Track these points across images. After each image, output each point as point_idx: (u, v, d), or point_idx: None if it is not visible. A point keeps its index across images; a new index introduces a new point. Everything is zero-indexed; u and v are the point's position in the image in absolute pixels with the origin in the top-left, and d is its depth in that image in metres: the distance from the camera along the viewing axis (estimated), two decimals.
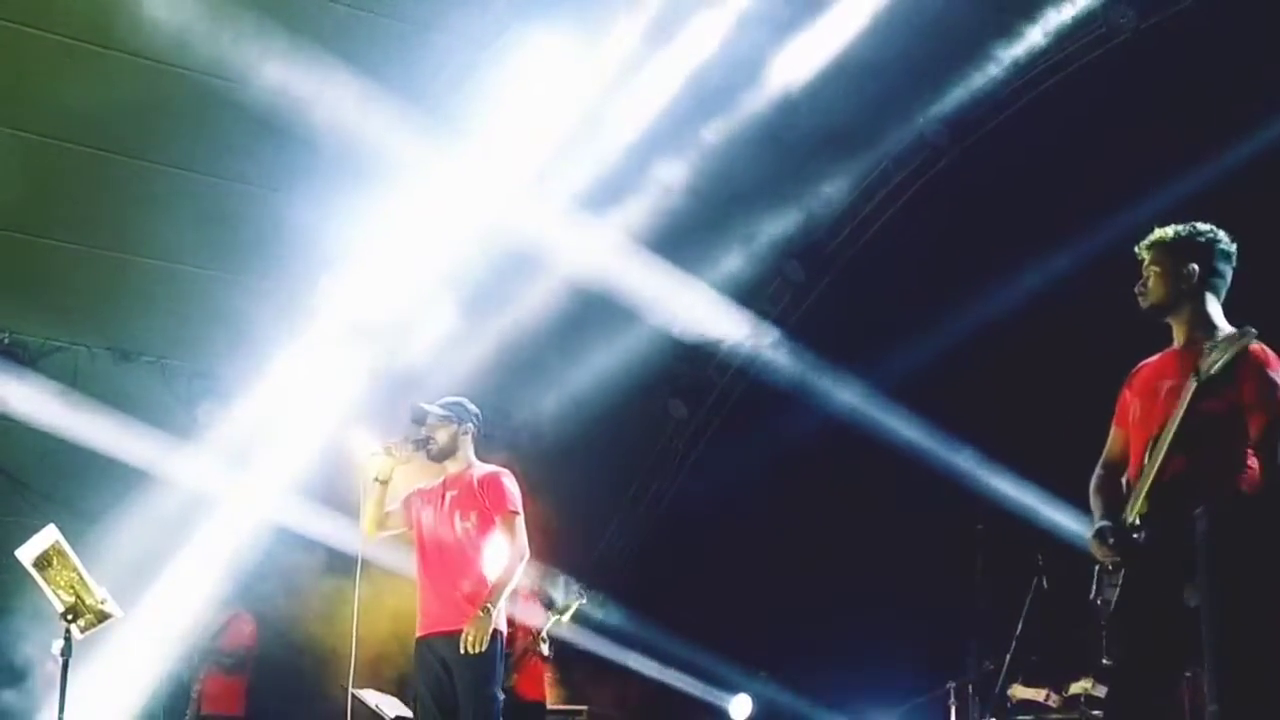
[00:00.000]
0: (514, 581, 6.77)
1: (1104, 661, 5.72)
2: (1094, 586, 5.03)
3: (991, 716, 8.43)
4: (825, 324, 11.63)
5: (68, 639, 7.01)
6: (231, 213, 9.67)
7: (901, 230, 11.39)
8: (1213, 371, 4.68)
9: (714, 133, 10.19)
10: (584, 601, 8.92)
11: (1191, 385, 4.68)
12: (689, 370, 12.47)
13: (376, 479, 6.93)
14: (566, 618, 8.93)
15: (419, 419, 6.98)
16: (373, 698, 8.92)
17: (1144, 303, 5.04)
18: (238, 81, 8.92)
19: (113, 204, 9.71)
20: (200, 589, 10.57)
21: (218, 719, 10.33)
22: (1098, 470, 5.24)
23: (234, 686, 10.41)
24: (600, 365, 11.22)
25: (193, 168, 9.61)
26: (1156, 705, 4.93)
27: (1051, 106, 10.37)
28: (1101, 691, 7.51)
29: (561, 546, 9.88)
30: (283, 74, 8.63)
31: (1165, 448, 4.68)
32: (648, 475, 12.85)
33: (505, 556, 6.76)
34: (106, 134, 9.33)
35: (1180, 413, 4.68)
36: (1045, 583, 8.14)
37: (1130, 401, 5.12)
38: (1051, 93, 10.38)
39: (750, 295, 11.77)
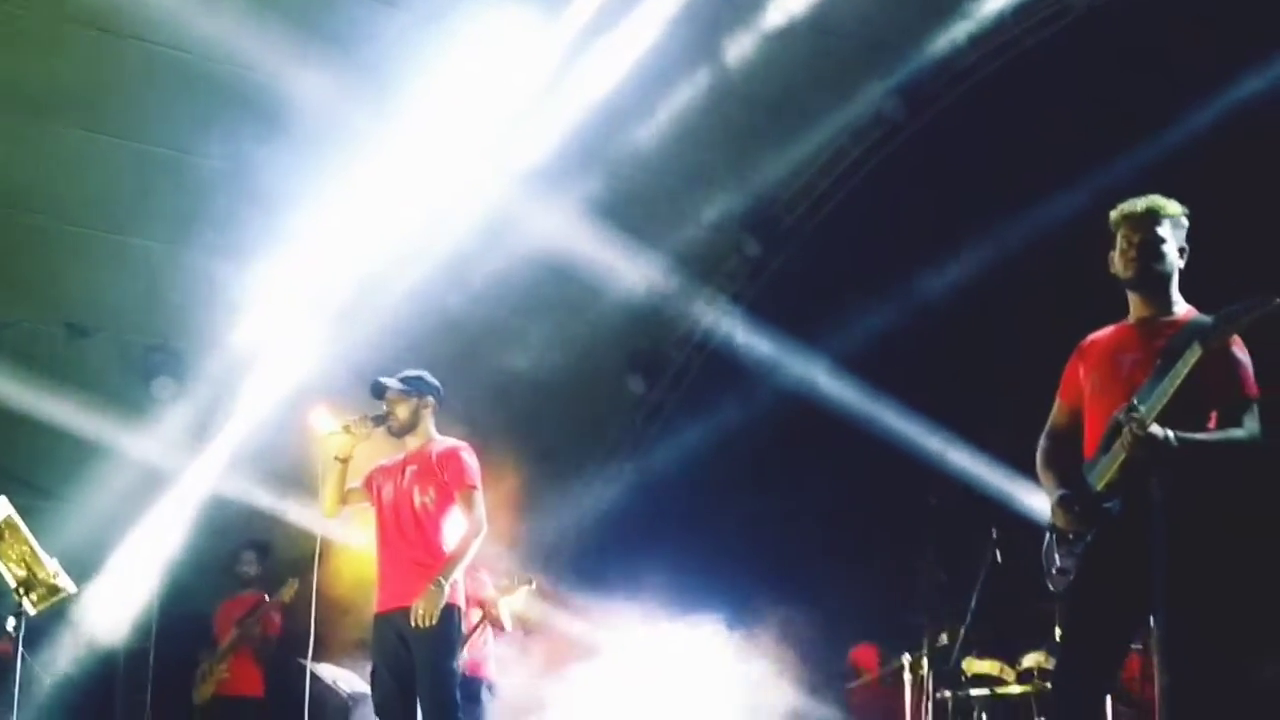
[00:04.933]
0: (469, 556, 6.77)
1: (1058, 634, 5.77)
2: (1048, 557, 5.07)
3: (946, 689, 8.49)
4: (783, 299, 11.66)
5: (20, 614, 6.99)
6: (188, 185, 9.59)
7: (858, 205, 11.41)
8: (1217, 345, 4.72)
9: (669, 106, 10.17)
10: (530, 587, 8.89)
11: (1196, 353, 4.68)
12: (647, 346, 12.48)
13: (336, 457, 6.92)
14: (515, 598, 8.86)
15: (379, 394, 6.97)
16: (329, 673, 8.92)
17: (1143, 270, 4.99)
18: (194, 53, 8.85)
19: (65, 177, 9.62)
20: (155, 564, 10.57)
21: (242, 700, 10.39)
22: (1043, 443, 5.27)
23: (258, 670, 10.49)
24: (558, 341, 11.22)
25: (147, 139, 9.52)
26: (1105, 675, 4.99)
27: (1008, 81, 10.40)
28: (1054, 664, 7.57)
29: (520, 522, 9.91)
30: (240, 45, 8.57)
31: (1153, 416, 4.67)
32: (606, 451, 12.86)
33: (462, 531, 6.77)
34: (57, 106, 9.23)
35: (1178, 382, 4.69)
36: (999, 556, 8.19)
37: (1083, 374, 5.15)
38: (1008, 68, 10.41)
39: (708, 270, 11.79)
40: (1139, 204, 5.06)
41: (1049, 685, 7.45)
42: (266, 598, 10.36)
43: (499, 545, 8.91)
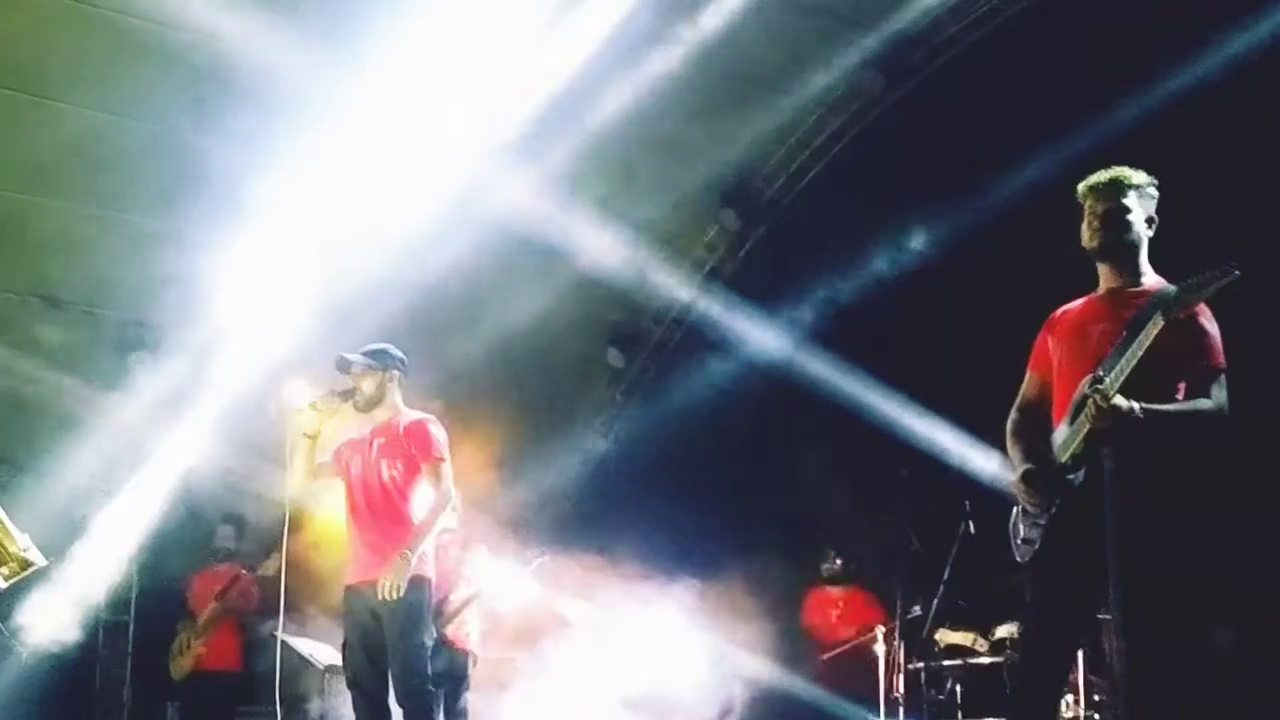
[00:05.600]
0: (437, 528, 6.78)
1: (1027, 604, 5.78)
2: (1015, 529, 5.08)
3: (918, 660, 8.52)
4: (761, 272, 11.64)
5: None
6: (161, 157, 9.51)
7: (838, 177, 11.39)
8: (1181, 316, 4.71)
9: (647, 76, 10.10)
10: (545, 560, 8.90)
11: (1158, 323, 4.69)
12: (625, 319, 12.45)
13: (304, 434, 6.91)
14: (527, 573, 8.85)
15: (343, 369, 6.95)
16: (305, 646, 8.91)
17: (1108, 241, 4.98)
18: (161, 23, 8.77)
19: (41, 150, 9.54)
20: (133, 538, 10.55)
21: (220, 674, 10.40)
22: (1013, 415, 5.27)
23: (236, 644, 10.50)
24: (536, 314, 11.19)
25: (120, 111, 9.44)
26: (1069, 646, 5.00)
27: (986, 52, 10.36)
28: None
29: (497, 491, 9.92)
30: (205, 14, 8.49)
31: (1117, 387, 4.67)
32: (584, 424, 12.85)
33: (430, 503, 6.76)
34: (30, 77, 9.16)
35: (1141, 353, 4.69)
36: (972, 528, 8.21)
37: (1052, 346, 5.15)
38: (986, 39, 10.37)
39: (686, 243, 11.76)
40: (1104, 175, 5.06)
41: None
42: (244, 570, 10.35)
43: (482, 514, 8.92)
